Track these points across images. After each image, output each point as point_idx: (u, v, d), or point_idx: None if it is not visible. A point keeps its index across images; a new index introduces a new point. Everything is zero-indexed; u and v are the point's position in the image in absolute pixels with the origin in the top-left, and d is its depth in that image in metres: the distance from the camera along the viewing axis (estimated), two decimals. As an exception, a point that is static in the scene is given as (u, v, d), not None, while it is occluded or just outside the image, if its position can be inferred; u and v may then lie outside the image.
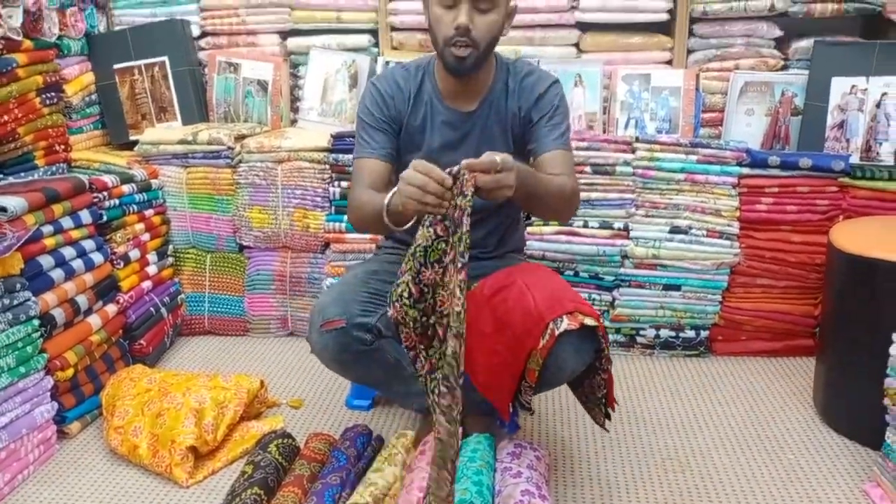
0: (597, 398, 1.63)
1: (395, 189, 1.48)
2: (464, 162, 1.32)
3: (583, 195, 2.40)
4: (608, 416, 1.65)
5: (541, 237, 2.41)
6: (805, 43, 2.57)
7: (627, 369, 2.38)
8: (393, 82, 1.73)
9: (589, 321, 1.49)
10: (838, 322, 1.98)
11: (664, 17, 2.64)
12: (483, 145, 1.70)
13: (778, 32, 2.59)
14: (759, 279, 2.40)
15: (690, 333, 2.45)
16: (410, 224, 1.45)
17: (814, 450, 1.89)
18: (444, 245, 1.38)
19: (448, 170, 1.33)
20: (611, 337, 2.46)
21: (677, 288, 2.42)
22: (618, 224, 2.41)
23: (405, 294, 1.44)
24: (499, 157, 1.33)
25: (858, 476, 1.77)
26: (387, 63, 2.72)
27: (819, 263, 2.30)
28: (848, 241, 1.93)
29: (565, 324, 1.47)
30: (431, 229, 1.38)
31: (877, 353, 1.73)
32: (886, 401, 1.67)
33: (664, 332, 2.46)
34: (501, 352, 1.52)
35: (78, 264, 2.09)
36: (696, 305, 2.43)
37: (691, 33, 2.64)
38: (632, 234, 2.41)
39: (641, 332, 2.48)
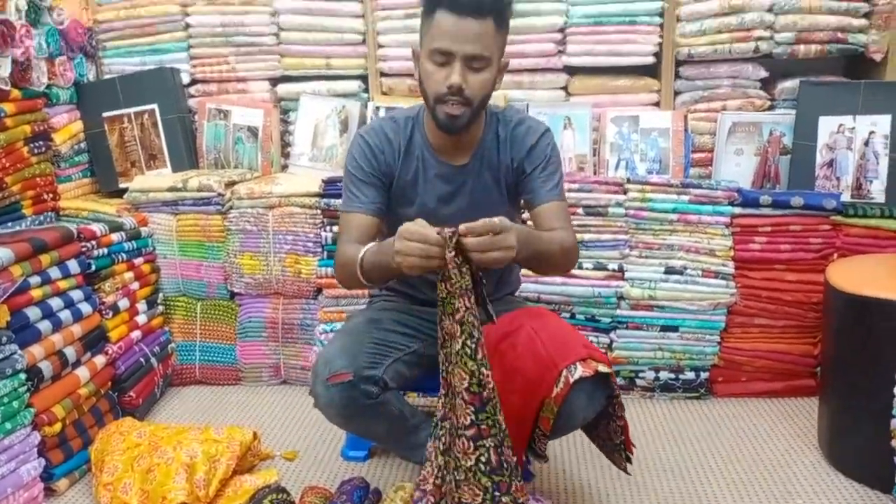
0: (615, 444, 1.60)
1: (367, 247, 1.49)
2: (461, 227, 1.30)
3: (576, 236, 2.40)
4: (629, 460, 1.62)
5: (536, 279, 2.39)
6: (791, 83, 2.60)
7: (628, 413, 2.30)
8: (382, 135, 1.70)
9: (602, 368, 1.47)
10: (839, 362, 1.96)
11: (650, 59, 2.67)
12: (477, 197, 1.69)
13: (763, 73, 2.63)
14: (757, 319, 2.39)
15: (690, 375, 2.43)
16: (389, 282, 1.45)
17: (822, 494, 1.86)
18: (452, 300, 1.36)
19: (438, 231, 1.31)
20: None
21: (675, 329, 2.40)
22: (612, 265, 2.40)
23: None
24: (497, 219, 1.31)
25: (869, 520, 1.74)
26: (377, 109, 2.73)
27: (816, 302, 2.29)
28: (845, 279, 1.92)
29: (579, 371, 1.44)
30: (442, 285, 1.36)
31: (880, 393, 1.72)
32: (894, 442, 1.65)
33: (664, 374, 2.43)
34: (513, 400, 1.49)
35: (66, 315, 2.04)
36: (695, 346, 2.41)
37: (678, 75, 2.67)
38: (627, 274, 2.40)
39: (640, 375, 2.45)
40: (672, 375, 2.43)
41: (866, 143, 2.43)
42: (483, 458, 1.38)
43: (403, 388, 1.74)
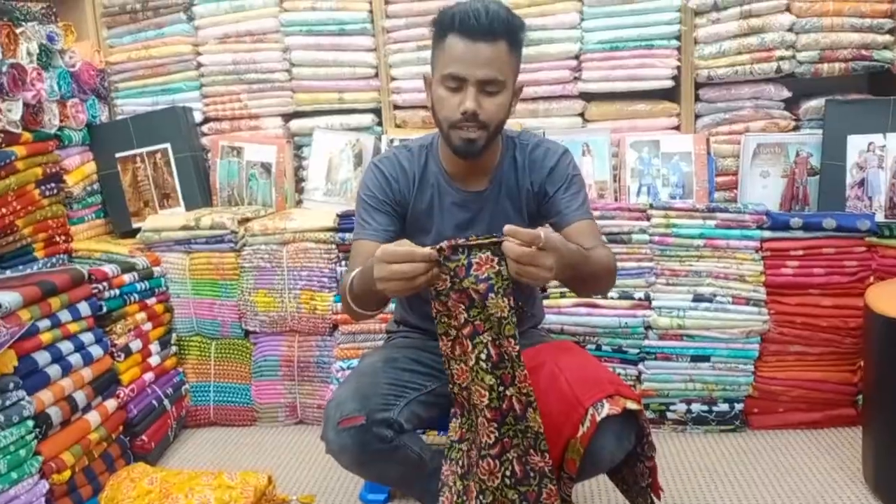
0: (640, 487, 1.49)
1: (354, 272, 1.43)
2: (507, 227, 1.24)
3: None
4: None
5: (559, 310, 2.31)
6: (815, 102, 2.53)
7: (660, 448, 2.20)
8: (397, 164, 1.66)
9: (631, 405, 1.38)
10: (882, 389, 1.86)
11: (669, 83, 2.62)
12: (496, 224, 1.62)
13: (787, 93, 2.56)
14: (792, 346, 2.29)
15: (724, 407, 2.32)
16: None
17: (870, 530, 1.74)
18: (446, 319, 1.32)
19: (439, 245, 1.26)
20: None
21: (706, 359, 2.30)
22: (638, 294, 2.32)
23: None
24: (543, 232, 1.24)
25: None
26: (391, 141, 2.69)
27: (854, 327, 2.19)
28: (886, 303, 1.82)
29: (606, 409, 1.35)
30: (434, 304, 1.32)
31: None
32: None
33: (696, 407, 2.33)
34: None
35: (76, 359, 2.00)
36: (728, 377, 2.31)
37: (697, 98, 2.61)
38: (654, 303, 2.31)
39: (672, 408, 2.34)
40: (705, 407, 2.32)
41: (898, 161, 2.35)
42: (507, 472, 1.34)
43: (420, 428, 1.66)
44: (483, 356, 1.30)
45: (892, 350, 1.80)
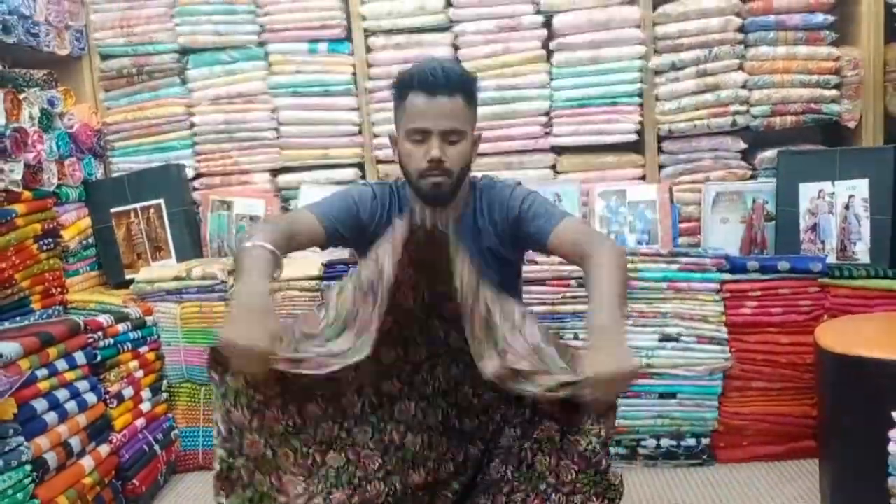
0: None
1: (250, 267, 1.41)
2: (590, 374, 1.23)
3: (569, 308, 2.46)
4: None
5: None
6: (770, 153, 2.70)
7: (632, 482, 2.33)
8: (382, 192, 1.74)
9: None
10: (833, 422, 1.97)
11: (633, 137, 2.78)
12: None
13: (743, 145, 2.73)
14: (754, 382, 2.41)
15: (691, 441, 2.43)
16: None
17: (827, 557, 1.84)
18: (252, 391, 1.32)
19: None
20: (612, 449, 2.42)
21: (673, 396, 2.41)
22: (608, 335, 2.44)
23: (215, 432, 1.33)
24: (629, 368, 1.25)
25: (876, 582, 1.71)
26: (374, 193, 2.82)
27: (810, 363, 2.31)
28: (833, 340, 1.95)
29: None
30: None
31: (876, 451, 1.72)
32: (893, 501, 1.65)
33: (665, 442, 2.43)
34: None
35: (71, 406, 2.08)
36: (695, 413, 2.42)
37: (661, 150, 2.78)
38: (623, 344, 2.43)
39: (643, 443, 2.45)
40: (674, 442, 2.43)
41: (847, 207, 2.50)
42: None
43: None
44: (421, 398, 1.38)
45: (839, 384, 1.93)
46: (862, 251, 2.47)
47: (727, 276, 2.42)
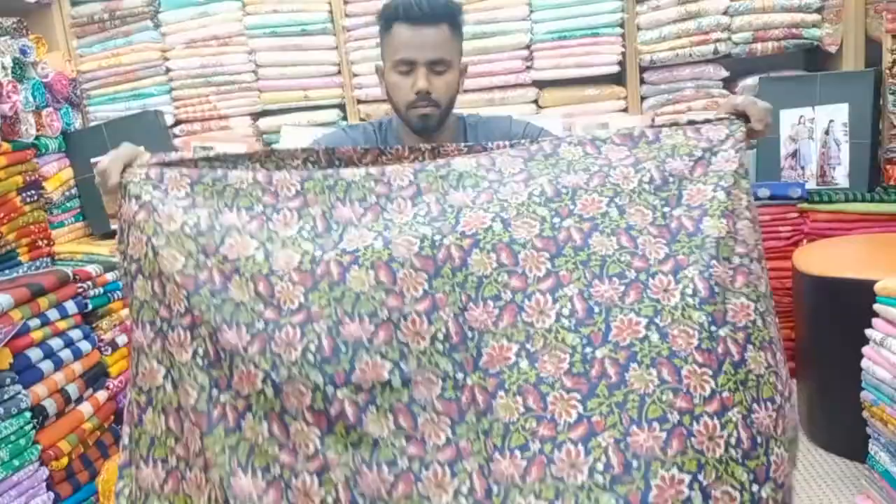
0: None
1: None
2: (759, 105, 1.26)
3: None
4: None
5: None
6: (751, 80, 2.70)
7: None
8: (362, 132, 1.74)
9: None
10: (811, 342, 2.04)
11: (615, 68, 2.77)
12: None
13: (724, 73, 2.73)
14: (735, 308, 2.46)
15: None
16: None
17: (804, 470, 1.92)
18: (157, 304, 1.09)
19: None
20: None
21: (656, 324, 2.47)
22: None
23: None
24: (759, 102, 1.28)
25: (849, 490, 1.80)
26: (356, 134, 2.82)
27: (789, 288, 2.36)
28: (810, 263, 2.00)
29: None
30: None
31: (850, 368, 1.79)
32: (865, 413, 1.72)
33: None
34: None
35: (66, 354, 2.11)
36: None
37: (643, 81, 2.77)
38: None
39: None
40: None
41: (827, 132, 2.52)
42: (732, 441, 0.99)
43: None
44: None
45: (815, 305, 1.99)
46: (841, 176, 2.50)
47: (708, 205, 2.44)
